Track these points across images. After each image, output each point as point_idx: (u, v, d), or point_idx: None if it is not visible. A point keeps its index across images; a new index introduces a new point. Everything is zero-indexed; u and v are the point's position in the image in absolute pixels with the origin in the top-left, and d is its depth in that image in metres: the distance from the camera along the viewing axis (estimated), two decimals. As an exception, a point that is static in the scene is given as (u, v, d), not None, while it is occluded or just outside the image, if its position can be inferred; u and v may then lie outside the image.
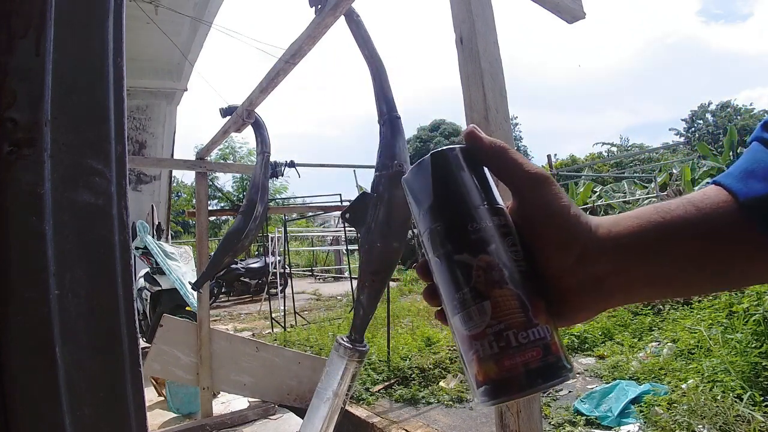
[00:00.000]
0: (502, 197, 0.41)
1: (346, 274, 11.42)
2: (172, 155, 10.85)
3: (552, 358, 0.34)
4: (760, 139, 0.36)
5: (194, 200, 4.01)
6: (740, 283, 0.37)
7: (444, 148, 0.41)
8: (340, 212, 3.18)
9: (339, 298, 11.09)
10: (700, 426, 2.88)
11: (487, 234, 0.37)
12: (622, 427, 3.25)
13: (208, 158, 3.60)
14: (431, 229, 0.39)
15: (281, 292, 9.60)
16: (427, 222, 0.39)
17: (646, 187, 17.79)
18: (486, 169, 0.41)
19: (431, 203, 0.39)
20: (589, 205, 17.39)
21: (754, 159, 0.35)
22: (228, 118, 2.73)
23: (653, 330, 5.25)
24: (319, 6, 1.65)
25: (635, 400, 3.46)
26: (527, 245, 0.38)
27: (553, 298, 0.38)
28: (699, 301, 5.21)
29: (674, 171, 18.39)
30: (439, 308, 0.41)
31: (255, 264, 12.49)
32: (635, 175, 21.27)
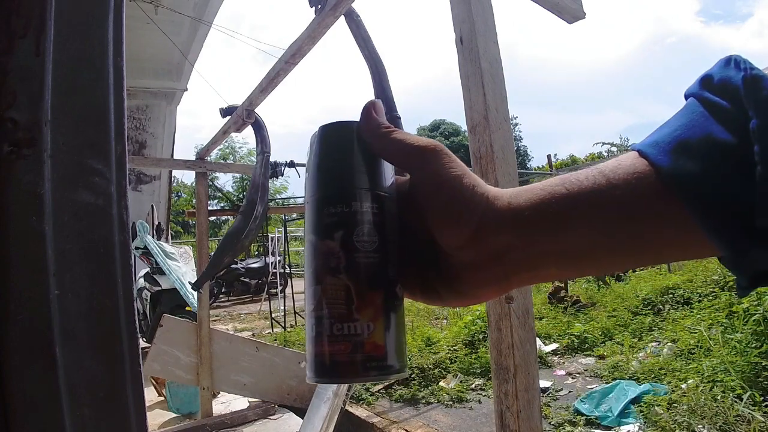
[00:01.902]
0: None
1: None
2: (172, 155, 10.85)
3: (360, 356, 0.34)
4: (699, 97, 0.32)
5: (194, 200, 4.01)
6: (656, 259, 0.35)
7: (334, 122, 0.39)
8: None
9: (339, 298, 11.08)
10: (700, 426, 2.88)
11: (341, 220, 0.35)
12: (622, 427, 3.25)
13: (208, 158, 3.60)
14: (307, 202, 0.38)
15: (281, 292, 9.60)
16: (306, 194, 0.38)
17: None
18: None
19: (307, 178, 0.38)
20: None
21: (690, 124, 0.31)
22: (228, 118, 2.73)
23: (653, 330, 5.25)
24: (319, 6, 1.65)
25: (635, 400, 3.46)
26: (418, 225, 0.37)
27: (451, 277, 0.36)
28: (699, 301, 5.21)
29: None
30: None
31: (255, 264, 12.50)
32: (635, 175, 21.23)
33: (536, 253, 0.34)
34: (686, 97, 0.33)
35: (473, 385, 4.45)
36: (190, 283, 4.03)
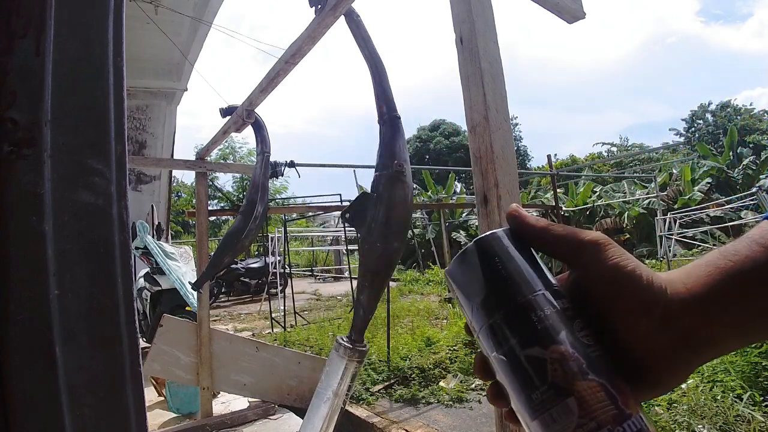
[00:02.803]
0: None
1: (346, 274, 11.42)
2: (172, 155, 10.84)
3: None
4: None
5: (194, 200, 4.01)
6: None
7: (487, 233, 0.38)
8: (340, 212, 3.18)
9: (339, 298, 11.09)
10: (699, 426, 2.88)
11: (553, 321, 0.33)
12: (622, 427, 3.24)
13: (208, 158, 3.60)
14: (489, 325, 0.35)
15: (281, 292, 9.60)
16: (483, 317, 0.36)
17: (646, 187, 17.79)
18: (534, 251, 0.38)
19: (484, 296, 0.36)
20: (589, 205, 17.42)
21: None
22: (228, 118, 2.73)
23: (653, 330, 5.24)
24: (319, 6, 1.65)
25: (635, 400, 3.46)
26: (596, 321, 0.35)
27: (640, 369, 0.36)
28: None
29: (674, 171, 18.39)
30: (508, 408, 0.38)
31: (255, 264, 12.50)
32: (635, 175, 21.26)
33: (718, 328, 0.35)
34: None
35: (473, 385, 4.45)
36: (190, 283, 4.03)
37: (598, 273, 0.36)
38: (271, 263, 11.08)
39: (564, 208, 12.25)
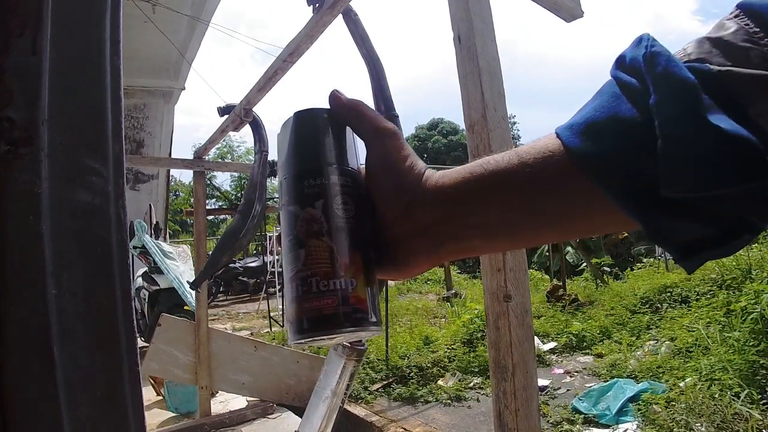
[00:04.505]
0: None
1: (345, 273, 11.38)
2: (170, 154, 10.83)
3: (346, 308, 0.37)
4: (614, 77, 0.34)
5: (192, 199, 4.00)
6: (569, 231, 0.37)
7: (306, 108, 0.44)
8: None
9: (337, 297, 11.07)
10: (698, 424, 2.89)
11: (321, 190, 0.39)
12: (620, 426, 3.26)
13: (206, 157, 3.59)
14: (280, 181, 0.42)
15: (279, 291, 9.59)
16: (280, 174, 0.43)
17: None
18: (349, 135, 0.44)
19: (284, 158, 0.42)
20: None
21: (601, 105, 0.33)
22: (226, 117, 2.73)
23: (651, 328, 5.26)
24: (317, 4, 1.64)
25: (633, 399, 3.47)
26: (370, 197, 0.41)
27: (388, 249, 0.40)
28: (697, 300, 5.22)
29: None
30: None
31: (253, 263, 12.48)
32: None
33: (459, 226, 0.37)
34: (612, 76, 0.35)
35: (471, 384, 4.46)
36: (188, 282, 4.02)
37: (378, 155, 0.41)
38: (270, 262, 11.07)
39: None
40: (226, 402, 4.13)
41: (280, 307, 8.55)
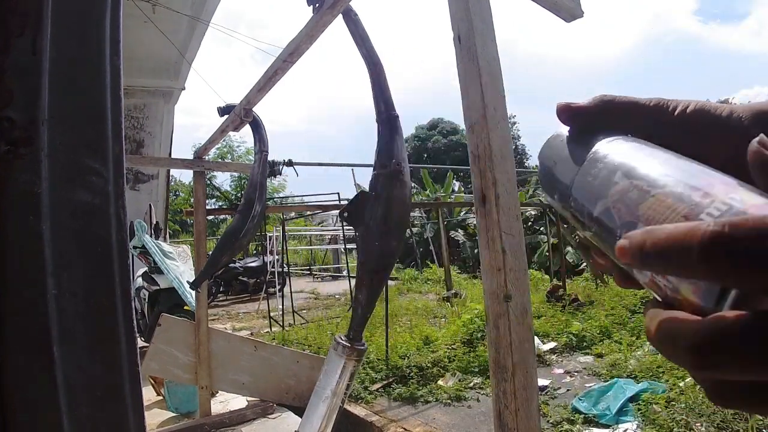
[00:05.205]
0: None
1: (345, 273, 11.42)
2: (170, 154, 10.83)
3: None
4: None
5: (192, 199, 4.00)
6: None
7: (557, 133, 0.37)
8: (338, 211, 3.18)
9: (337, 297, 11.08)
10: (698, 424, 2.89)
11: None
12: (620, 425, 3.26)
13: (206, 157, 3.59)
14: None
15: (279, 291, 9.58)
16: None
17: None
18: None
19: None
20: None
21: None
22: (226, 117, 2.73)
23: (651, 328, 5.25)
24: (317, 4, 1.64)
25: (633, 399, 3.47)
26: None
27: None
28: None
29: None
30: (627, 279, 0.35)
31: (253, 263, 12.47)
32: (633, 173, 21.22)
33: None
34: None
35: (471, 384, 4.45)
36: (188, 282, 4.02)
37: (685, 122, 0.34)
38: (270, 262, 11.06)
39: (562, 207, 12.21)
40: (226, 402, 4.13)
41: (280, 307, 8.55)
